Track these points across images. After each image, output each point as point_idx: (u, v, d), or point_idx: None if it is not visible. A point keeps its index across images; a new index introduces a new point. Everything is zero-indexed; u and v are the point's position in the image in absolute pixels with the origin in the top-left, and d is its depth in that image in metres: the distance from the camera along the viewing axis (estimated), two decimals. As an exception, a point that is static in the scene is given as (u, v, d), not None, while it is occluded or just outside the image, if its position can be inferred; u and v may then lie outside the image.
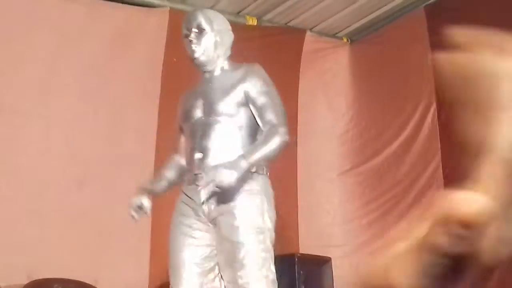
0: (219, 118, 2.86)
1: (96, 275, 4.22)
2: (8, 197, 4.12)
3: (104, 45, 4.55)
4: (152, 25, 4.78)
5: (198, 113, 2.93)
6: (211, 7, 5.14)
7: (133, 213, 2.90)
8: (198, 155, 2.84)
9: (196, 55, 2.93)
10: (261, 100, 2.85)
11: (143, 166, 4.54)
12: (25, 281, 3.96)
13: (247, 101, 2.85)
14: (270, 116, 2.84)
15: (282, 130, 2.80)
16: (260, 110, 2.85)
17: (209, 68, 2.97)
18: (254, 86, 2.87)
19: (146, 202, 2.90)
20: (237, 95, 2.86)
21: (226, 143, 2.83)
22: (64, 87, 4.36)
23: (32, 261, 4.08)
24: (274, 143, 2.77)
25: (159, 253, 4.52)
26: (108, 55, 4.55)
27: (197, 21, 2.96)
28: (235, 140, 2.84)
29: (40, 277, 4.04)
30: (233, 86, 2.89)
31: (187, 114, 2.95)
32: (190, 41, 2.93)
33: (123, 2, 4.74)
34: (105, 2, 4.64)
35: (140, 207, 2.91)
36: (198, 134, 2.87)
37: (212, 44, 2.95)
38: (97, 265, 4.29)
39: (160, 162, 4.53)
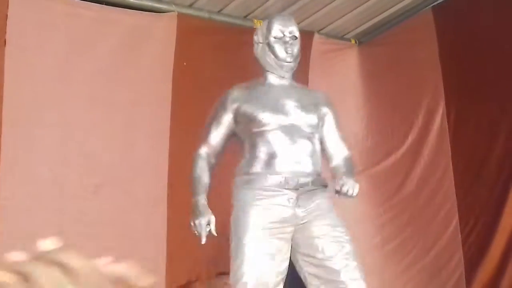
0: (309, 129, 2.95)
1: (111, 282, 4.25)
2: (28, 207, 4.16)
3: (114, 51, 4.58)
4: (161, 30, 4.80)
5: (285, 119, 2.92)
6: (219, 11, 5.17)
7: (204, 235, 2.81)
8: (296, 160, 2.88)
9: (290, 58, 2.97)
10: (337, 130, 3.10)
11: (157, 170, 4.58)
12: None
13: (323, 124, 3.03)
14: (340, 142, 3.10)
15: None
16: (334, 135, 3.08)
17: (288, 75, 3.01)
18: (334, 115, 3.10)
19: (213, 220, 2.84)
20: (320, 114, 3.01)
21: (314, 155, 2.94)
22: (77, 95, 4.39)
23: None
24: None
25: (175, 258, 4.56)
26: (119, 60, 4.58)
27: (293, 27, 3.03)
28: (318, 153, 2.98)
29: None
30: (317, 105, 3.03)
31: (268, 118, 2.91)
32: (286, 42, 2.96)
33: (130, 8, 4.76)
34: (113, 8, 4.66)
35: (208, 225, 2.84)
36: (289, 140, 2.89)
37: (298, 53, 3.02)
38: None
39: (174, 166, 4.58)
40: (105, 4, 4.64)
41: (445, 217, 4.93)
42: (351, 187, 2.79)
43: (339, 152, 3.08)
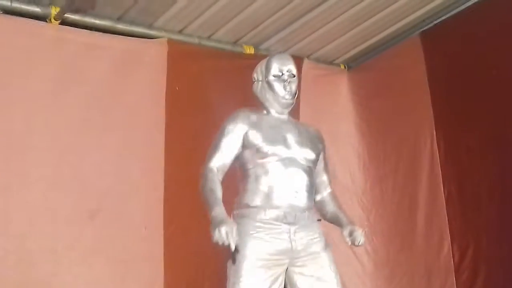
0: (307, 163, 3.01)
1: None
2: (22, 233, 4.13)
3: (106, 75, 4.58)
4: (152, 55, 4.82)
5: (287, 152, 2.96)
6: (209, 37, 5.20)
7: (232, 241, 2.66)
8: (294, 195, 2.92)
9: (289, 96, 3.08)
10: (327, 164, 3.23)
11: (152, 193, 4.56)
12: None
13: (318, 159, 3.11)
14: (327, 178, 3.21)
15: None
16: (324, 171, 3.19)
17: (286, 111, 3.12)
18: (326, 151, 3.23)
19: (236, 228, 2.74)
20: (317, 150, 3.10)
21: (311, 188, 3.01)
22: (69, 119, 4.39)
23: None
24: None
25: (173, 283, 4.53)
26: (110, 85, 4.59)
27: (291, 65, 3.14)
28: (313, 187, 3.05)
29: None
30: (314, 141, 3.13)
31: (272, 150, 2.94)
32: (285, 81, 3.07)
33: (120, 34, 4.78)
34: (103, 34, 4.68)
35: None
36: (289, 173, 2.94)
37: (296, 91, 3.13)
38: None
39: (169, 188, 4.57)
40: (95, 30, 4.66)
41: (438, 242, 4.92)
42: (360, 235, 2.94)
43: (325, 187, 3.20)
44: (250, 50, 5.37)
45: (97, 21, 4.66)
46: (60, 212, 4.27)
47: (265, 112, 3.10)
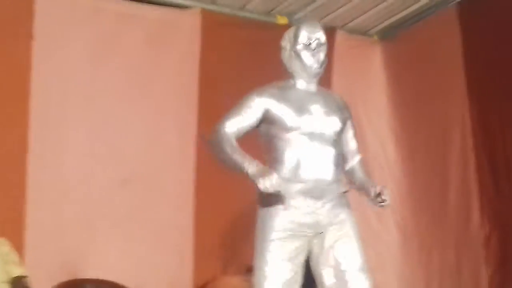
0: (334, 136, 3.00)
1: (141, 275, 4.31)
2: (55, 200, 4.23)
3: (140, 45, 4.64)
4: (185, 25, 4.86)
5: (313, 126, 2.95)
6: (242, 7, 5.20)
7: (278, 183, 2.71)
8: (321, 169, 2.93)
9: (317, 65, 3.01)
10: (355, 132, 3.17)
11: (184, 165, 4.62)
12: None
13: (344, 128, 3.07)
14: (355, 145, 3.16)
15: None
16: (352, 139, 3.14)
17: (314, 80, 3.05)
18: (352, 119, 3.16)
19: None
20: (343, 119, 3.06)
21: (338, 161, 3.00)
22: (104, 89, 4.45)
23: (78, 263, 4.18)
24: None
25: (202, 252, 4.61)
26: (145, 55, 4.63)
27: (319, 33, 3.04)
28: (340, 160, 3.04)
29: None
30: (340, 109, 3.08)
31: (297, 124, 2.93)
32: (313, 49, 3.01)
33: (155, 3, 4.81)
34: (138, 4, 4.71)
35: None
36: (315, 147, 2.93)
37: (325, 60, 3.06)
38: (142, 265, 4.38)
39: (201, 159, 4.63)
40: (130, 0, 4.70)
41: (468, 214, 4.91)
42: (387, 194, 2.93)
43: (353, 155, 3.17)
44: (283, 21, 5.36)
45: (133, -9, 4.70)
46: (94, 180, 4.36)
47: (292, 82, 3.07)
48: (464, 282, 4.91)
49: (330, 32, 5.51)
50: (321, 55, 3.03)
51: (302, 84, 3.05)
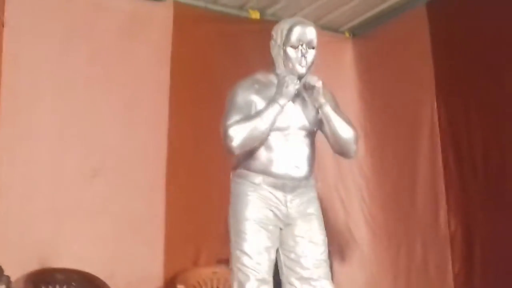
0: (309, 130, 3.04)
1: (111, 266, 4.30)
2: (25, 190, 4.20)
3: (112, 36, 4.62)
4: (158, 17, 4.86)
5: (288, 122, 2.99)
6: (215, 1, 5.19)
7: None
8: (294, 166, 2.97)
9: (302, 70, 3.00)
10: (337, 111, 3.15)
11: (155, 156, 4.62)
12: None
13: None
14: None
15: None
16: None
17: (299, 81, 3.03)
18: (331, 101, 3.13)
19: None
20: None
21: (311, 156, 3.04)
22: (75, 80, 4.43)
23: (49, 253, 4.15)
24: None
25: (173, 243, 4.61)
26: (117, 46, 4.62)
27: (312, 36, 3.03)
28: (314, 155, 3.07)
29: (55, 268, 4.14)
30: (316, 99, 3.04)
31: (281, 123, 2.96)
32: (302, 52, 3.00)
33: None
34: (111, -5, 4.70)
35: None
36: (289, 144, 2.98)
37: (311, 63, 3.06)
38: (112, 256, 4.37)
39: (172, 149, 4.63)
40: (104, -10, 4.68)
41: (435, 211, 4.97)
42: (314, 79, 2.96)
43: None
44: (255, 15, 5.37)
45: (106, -19, 4.68)
46: (64, 171, 4.33)
47: (272, 75, 3.07)
48: (431, 278, 4.98)
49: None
50: (309, 59, 3.02)
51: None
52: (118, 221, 4.43)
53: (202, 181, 4.57)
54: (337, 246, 5.15)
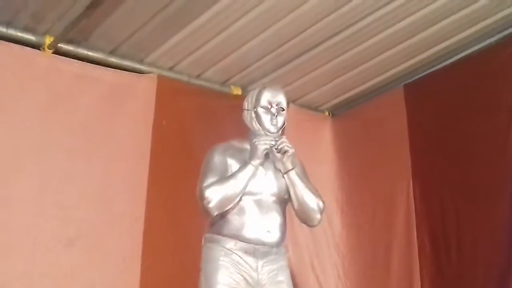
0: (282, 198, 3.11)
1: None
2: None
3: (94, 106, 4.65)
4: (141, 90, 4.92)
5: (261, 189, 3.05)
6: (198, 75, 5.30)
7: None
8: (266, 232, 3.02)
9: (274, 129, 3.10)
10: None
11: (133, 224, 4.59)
12: None
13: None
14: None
15: None
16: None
17: (272, 144, 3.10)
18: (300, 169, 3.26)
19: None
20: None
21: (283, 226, 3.09)
22: (56, 146, 4.43)
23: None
24: None
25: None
26: (99, 116, 4.65)
27: (281, 99, 3.18)
28: (285, 222, 3.13)
29: None
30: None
31: (249, 187, 3.02)
32: (272, 114, 3.11)
33: (112, 67, 4.87)
34: (94, 66, 4.77)
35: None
36: (262, 211, 3.04)
37: (283, 124, 3.17)
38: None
39: (150, 223, 4.61)
40: (87, 62, 4.75)
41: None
42: (285, 143, 3.04)
43: None
44: (237, 91, 5.48)
45: (90, 53, 4.75)
46: (39, 238, 4.28)
47: (246, 142, 3.14)
48: None
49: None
50: (280, 120, 3.14)
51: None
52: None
53: (179, 253, 4.55)
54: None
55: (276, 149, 3.02)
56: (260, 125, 3.11)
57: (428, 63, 5.21)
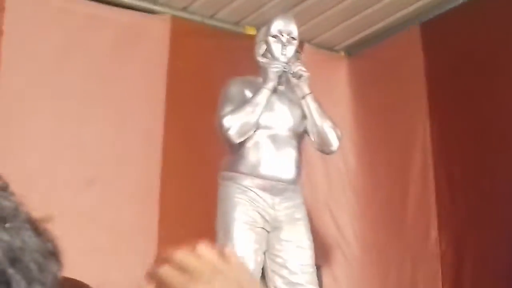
0: (297, 133, 3.13)
1: (103, 274, 4.28)
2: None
3: (109, 47, 4.64)
4: (155, 30, 4.88)
5: (277, 125, 3.05)
6: (211, 16, 5.25)
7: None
8: (282, 168, 3.03)
9: (284, 59, 3.05)
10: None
11: (150, 166, 4.63)
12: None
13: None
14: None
15: None
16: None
17: (283, 75, 3.09)
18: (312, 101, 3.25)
19: None
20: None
21: (298, 160, 3.12)
22: (71, 88, 4.44)
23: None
24: None
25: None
26: (113, 57, 4.64)
27: (292, 27, 3.13)
28: (300, 158, 3.16)
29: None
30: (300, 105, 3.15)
31: (263, 122, 3.00)
32: (283, 43, 3.02)
33: (125, 7, 4.82)
34: (108, 6, 4.72)
35: None
36: (278, 147, 3.06)
37: (293, 55, 3.04)
38: (104, 265, 4.35)
39: (167, 163, 4.64)
40: (100, 2, 4.70)
41: (426, 230, 4.99)
42: (300, 67, 3.04)
43: None
44: (251, 31, 5.42)
45: (103, -8, 4.71)
46: (56, 179, 4.33)
47: (260, 78, 3.11)
48: (420, 297, 4.99)
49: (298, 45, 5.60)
50: (291, 50, 3.08)
51: (272, 79, 3.09)
52: (110, 230, 4.42)
53: (197, 192, 4.58)
54: (326, 261, 5.15)
55: (291, 73, 2.99)
56: (270, 54, 3.06)
57: (446, 0, 5.10)
